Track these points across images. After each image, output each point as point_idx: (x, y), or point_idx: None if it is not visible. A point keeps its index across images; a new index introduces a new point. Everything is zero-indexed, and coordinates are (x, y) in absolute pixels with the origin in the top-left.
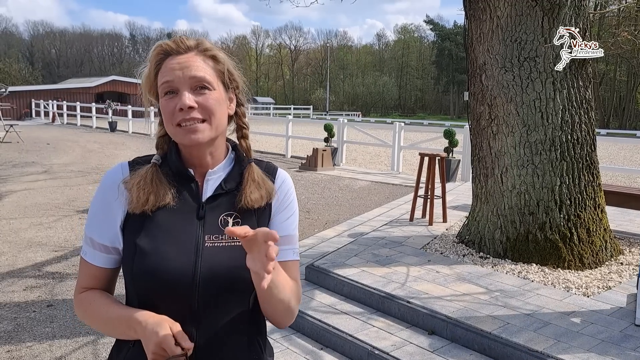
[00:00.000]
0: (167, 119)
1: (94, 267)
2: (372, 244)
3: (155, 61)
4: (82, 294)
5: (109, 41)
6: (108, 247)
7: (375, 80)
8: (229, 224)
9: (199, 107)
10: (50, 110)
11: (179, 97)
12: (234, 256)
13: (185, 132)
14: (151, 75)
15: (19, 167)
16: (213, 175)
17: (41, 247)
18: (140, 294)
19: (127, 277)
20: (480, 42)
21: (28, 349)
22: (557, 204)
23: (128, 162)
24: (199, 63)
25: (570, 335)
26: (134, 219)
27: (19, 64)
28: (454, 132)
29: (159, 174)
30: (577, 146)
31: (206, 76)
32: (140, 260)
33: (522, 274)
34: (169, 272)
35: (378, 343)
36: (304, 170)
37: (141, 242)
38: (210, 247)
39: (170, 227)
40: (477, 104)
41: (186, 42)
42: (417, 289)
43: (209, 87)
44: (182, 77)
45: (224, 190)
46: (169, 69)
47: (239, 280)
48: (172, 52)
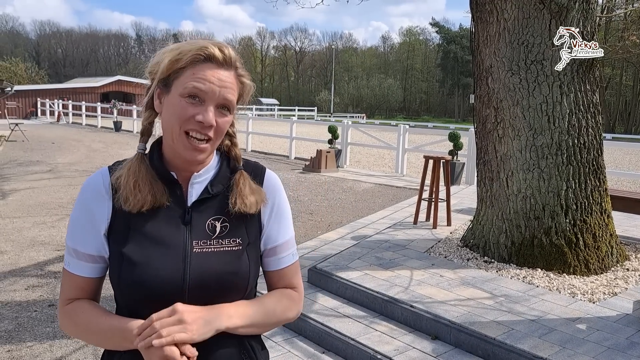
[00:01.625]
0: (178, 120)
1: (79, 278)
2: (375, 247)
3: (193, 57)
4: (68, 306)
5: (115, 41)
6: (94, 256)
7: (380, 83)
8: (217, 228)
9: (215, 127)
10: (55, 109)
11: (204, 109)
12: (223, 261)
13: (190, 147)
14: (179, 64)
15: (24, 166)
16: (198, 179)
17: (44, 246)
18: (129, 303)
19: (114, 287)
20: (486, 44)
21: (28, 349)
22: (563, 208)
23: (108, 167)
24: (233, 86)
25: (575, 342)
26: (119, 226)
27: (26, 63)
28: (459, 135)
29: (151, 170)
30: (584, 150)
31: (234, 102)
32: (127, 269)
33: (527, 279)
34: (158, 281)
35: (381, 347)
36: (308, 172)
37: (127, 251)
38: (198, 253)
39: (156, 234)
40: (483, 107)
41: (231, 55)
42: (421, 293)
43: (230, 110)
44: (217, 93)
45: (210, 194)
46: (206, 78)
47: (229, 286)
48: (214, 60)
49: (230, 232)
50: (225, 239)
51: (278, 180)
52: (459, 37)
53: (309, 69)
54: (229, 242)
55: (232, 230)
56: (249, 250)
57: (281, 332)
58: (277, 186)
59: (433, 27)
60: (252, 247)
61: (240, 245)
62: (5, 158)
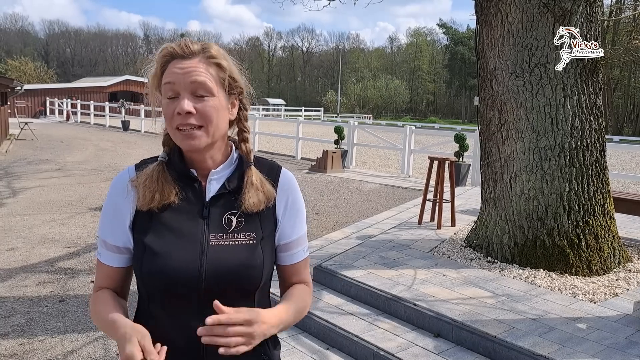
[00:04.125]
0: (167, 120)
1: (108, 268)
2: (379, 246)
3: (161, 62)
4: (95, 294)
5: (123, 41)
6: (120, 247)
7: (386, 83)
8: (233, 222)
9: (197, 114)
10: (64, 108)
11: (179, 101)
12: (238, 254)
13: (183, 137)
14: (157, 75)
15: (33, 165)
16: (216, 175)
17: (54, 243)
18: (149, 291)
19: (137, 276)
20: (491, 47)
21: (40, 343)
22: (565, 210)
23: (135, 164)
24: (201, 69)
25: (575, 341)
26: (142, 219)
27: (35, 62)
28: (465, 136)
29: (164, 173)
30: (587, 152)
31: (207, 82)
32: (149, 259)
33: (529, 279)
34: (175, 270)
35: (384, 344)
36: (314, 172)
37: (149, 242)
38: (214, 245)
39: (176, 226)
40: (487, 109)
41: (191, 47)
42: (424, 291)
43: (209, 93)
44: (183, 81)
45: (227, 189)
46: (172, 72)
47: (243, 278)
48: (176, 56)
49: (246, 226)
50: (241, 232)
51: (293, 179)
52: (466, 38)
53: (316, 70)
54: (244, 236)
55: (248, 225)
56: (263, 244)
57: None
58: (292, 184)
59: (440, 28)
60: (266, 242)
61: (255, 239)
62: (15, 156)
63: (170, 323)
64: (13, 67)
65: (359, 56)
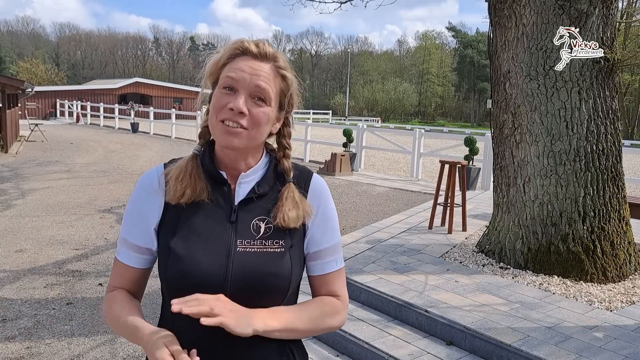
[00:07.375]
0: (214, 110)
1: (126, 267)
2: (390, 251)
3: (231, 52)
4: (110, 293)
5: (133, 43)
6: (141, 247)
7: (395, 87)
8: (261, 228)
9: (249, 116)
10: (74, 110)
11: (236, 97)
12: (264, 262)
13: (225, 132)
14: (220, 62)
15: (43, 166)
16: (246, 179)
17: (62, 245)
18: (173, 296)
19: (161, 279)
20: (504, 49)
21: (47, 346)
22: (580, 215)
23: (164, 163)
24: (269, 76)
25: (592, 350)
26: (169, 218)
27: (46, 64)
28: (475, 139)
29: (198, 169)
30: (602, 157)
31: (269, 91)
32: (174, 263)
33: (544, 286)
34: (201, 276)
35: (395, 352)
36: (322, 175)
37: (174, 244)
38: (241, 252)
39: (202, 230)
40: (500, 112)
41: (267, 49)
42: (436, 298)
43: (266, 101)
44: (248, 81)
45: (257, 193)
46: (239, 67)
47: (269, 286)
48: (249, 53)
49: (274, 233)
50: (269, 240)
51: (325, 185)
52: (475, 41)
53: (324, 73)
54: (272, 243)
55: (276, 232)
56: (291, 252)
57: None
58: (323, 191)
59: (449, 31)
60: (295, 250)
61: (283, 247)
62: (25, 158)
63: (194, 329)
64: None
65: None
